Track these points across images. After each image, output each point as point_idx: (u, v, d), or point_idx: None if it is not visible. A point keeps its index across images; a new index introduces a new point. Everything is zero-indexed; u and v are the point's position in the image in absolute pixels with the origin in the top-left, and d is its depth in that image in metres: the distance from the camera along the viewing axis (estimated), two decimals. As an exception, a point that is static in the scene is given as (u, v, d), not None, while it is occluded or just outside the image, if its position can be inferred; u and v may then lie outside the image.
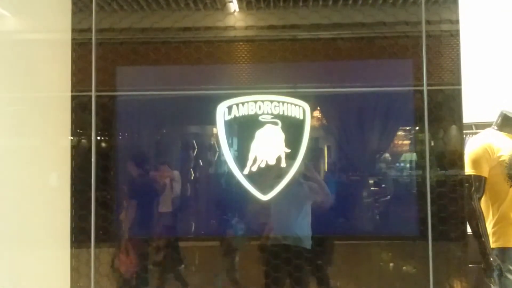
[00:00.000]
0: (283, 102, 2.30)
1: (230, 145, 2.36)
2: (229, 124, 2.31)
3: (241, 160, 2.31)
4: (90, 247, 2.21)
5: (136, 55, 2.35)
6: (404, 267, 2.41)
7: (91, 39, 2.26)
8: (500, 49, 3.09)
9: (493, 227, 2.40)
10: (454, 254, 2.24)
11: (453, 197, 2.22)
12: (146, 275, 2.46)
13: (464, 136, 2.74)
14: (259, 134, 2.30)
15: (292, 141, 2.29)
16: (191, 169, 2.48)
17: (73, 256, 2.26)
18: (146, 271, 2.47)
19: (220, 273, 2.43)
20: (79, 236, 2.25)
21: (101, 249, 2.26)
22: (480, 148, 2.40)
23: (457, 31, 2.28)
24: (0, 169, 2.13)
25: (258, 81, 2.37)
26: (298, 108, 2.30)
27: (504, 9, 2.92)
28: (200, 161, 2.48)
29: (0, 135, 2.19)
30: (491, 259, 2.29)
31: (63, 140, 2.30)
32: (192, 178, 2.46)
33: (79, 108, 2.30)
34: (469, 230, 2.34)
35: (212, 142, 2.46)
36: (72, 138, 2.30)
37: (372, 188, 2.46)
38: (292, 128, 2.30)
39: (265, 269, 2.35)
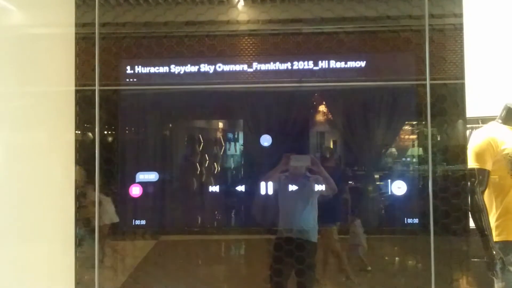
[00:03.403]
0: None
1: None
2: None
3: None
4: (94, 240, 2.23)
5: (140, 48, 2.36)
6: (409, 262, 2.42)
7: (94, 33, 2.27)
8: (505, 42, 3.08)
9: (496, 221, 2.40)
10: (457, 248, 2.24)
11: (456, 190, 2.22)
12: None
13: (470, 130, 2.73)
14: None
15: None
16: (197, 164, 2.49)
17: (77, 248, 2.28)
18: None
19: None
20: (83, 228, 2.27)
21: (105, 242, 2.28)
22: (484, 142, 2.40)
23: (461, 24, 2.27)
24: (5, 163, 2.14)
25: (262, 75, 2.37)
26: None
27: (508, 2, 2.90)
28: (206, 155, 2.49)
29: (4, 129, 2.20)
30: (494, 252, 2.29)
31: (67, 134, 2.31)
32: (198, 172, 2.47)
33: (83, 102, 2.31)
34: (472, 224, 2.34)
35: (218, 137, 2.47)
36: (76, 132, 2.31)
37: (377, 183, 2.47)
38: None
39: (270, 262, 2.36)
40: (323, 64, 2.34)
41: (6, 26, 2.17)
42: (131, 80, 2.38)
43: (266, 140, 2.34)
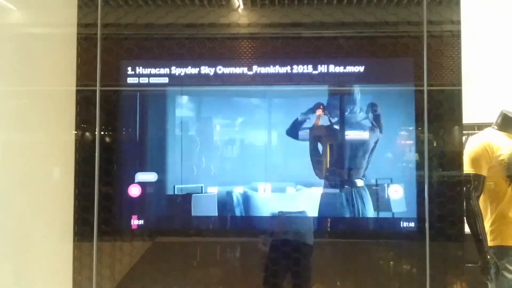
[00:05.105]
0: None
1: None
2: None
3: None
4: (92, 238, 2.24)
5: (141, 50, 2.37)
6: (403, 266, 2.43)
7: (96, 33, 2.29)
8: (502, 49, 3.10)
9: (491, 226, 2.42)
10: (452, 252, 2.26)
11: (451, 196, 2.24)
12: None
13: (466, 136, 2.75)
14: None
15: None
16: (194, 166, 2.50)
17: (75, 247, 2.29)
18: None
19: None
20: (82, 227, 2.28)
21: (103, 241, 2.29)
22: (480, 147, 2.41)
23: (459, 31, 2.30)
24: (6, 162, 2.16)
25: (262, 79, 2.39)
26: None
27: (505, 10, 2.93)
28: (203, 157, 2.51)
29: (5, 129, 2.21)
30: (489, 257, 2.30)
31: (68, 134, 2.33)
32: (195, 173, 2.49)
33: (83, 102, 2.32)
34: (467, 229, 2.36)
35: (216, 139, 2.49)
36: (76, 132, 2.33)
37: (373, 188, 2.48)
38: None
39: (265, 264, 2.37)
40: (322, 68, 2.36)
41: (8, 26, 2.19)
42: (132, 81, 2.40)
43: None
